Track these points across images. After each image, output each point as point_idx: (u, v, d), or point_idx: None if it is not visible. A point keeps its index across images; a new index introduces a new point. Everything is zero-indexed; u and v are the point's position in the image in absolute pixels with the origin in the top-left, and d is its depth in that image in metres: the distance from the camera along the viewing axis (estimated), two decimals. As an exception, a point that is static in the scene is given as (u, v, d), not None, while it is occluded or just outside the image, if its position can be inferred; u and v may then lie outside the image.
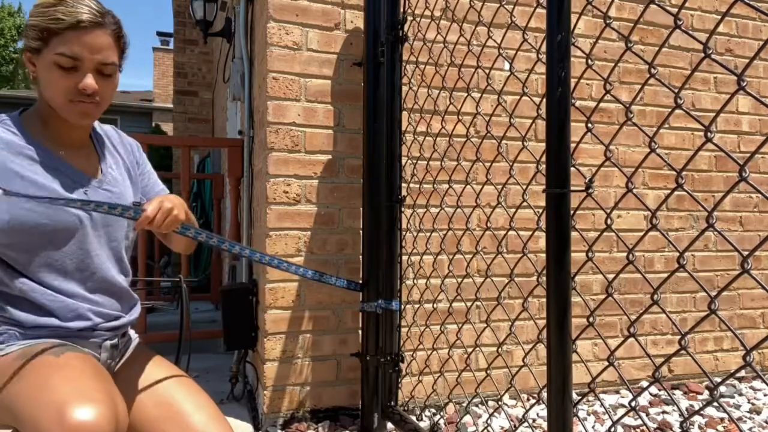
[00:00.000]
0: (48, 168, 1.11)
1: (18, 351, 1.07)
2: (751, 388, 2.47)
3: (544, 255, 1.09)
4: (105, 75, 1.12)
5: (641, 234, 2.44)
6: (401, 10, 1.92)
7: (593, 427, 2.03)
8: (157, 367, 1.26)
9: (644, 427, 1.98)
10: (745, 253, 0.76)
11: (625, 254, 2.43)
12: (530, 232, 1.47)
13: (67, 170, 1.14)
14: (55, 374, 0.99)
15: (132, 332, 1.33)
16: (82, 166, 1.17)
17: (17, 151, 1.08)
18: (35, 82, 1.13)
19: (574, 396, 1.09)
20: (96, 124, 1.26)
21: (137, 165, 1.32)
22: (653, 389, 2.38)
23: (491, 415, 1.68)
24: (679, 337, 0.89)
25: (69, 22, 1.06)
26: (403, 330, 1.97)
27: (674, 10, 1.10)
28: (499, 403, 1.55)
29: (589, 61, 1.05)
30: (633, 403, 1.00)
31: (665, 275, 1.60)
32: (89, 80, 1.09)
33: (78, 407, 0.90)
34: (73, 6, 1.08)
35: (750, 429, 2.02)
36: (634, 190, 0.99)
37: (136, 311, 1.30)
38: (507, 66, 2.21)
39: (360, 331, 1.98)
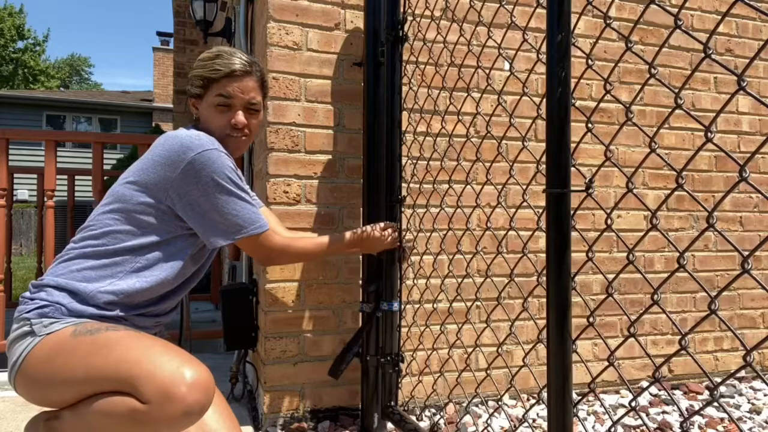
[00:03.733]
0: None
1: (70, 327, 1.14)
2: (751, 388, 2.47)
3: (544, 255, 1.09)
4: (253, 112, 1.41)
5: (641, 234, 2.44)
6: (401, 10, 1.92)
7: (593, 427, 2.03)
8: None
9: (644, 427, 1.98)
10: (746, 253, 0.76)
11: (625, 254, 2.43)
12: (530, 232, 1.47)
13: None
14: (153, 343, 1.13)
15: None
16: None
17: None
18: (197, 121, 1.42)
19: (574, 396, 1.09)
20: None
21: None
22: (653, 389, 2.38)
23: (491, 415, 1.68)
24: (679, 337, 0.89)
25: (224, 72, 1.33)
26: (403, 330, 1.97)
27: (674, 10, 1.10)
28: (499, 403, 1.55)
29: (589, 61, 1.05)
30: (633, 403, 1.00)
31: (665, 275, 1.60)
32: (240, 117, 1.37)
33: (190, 366, 1.07)
34: (228, 59, 1.35)
35: (750, 429, 2.01)
36: (634, 190, 0.99)
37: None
38: (507, 66, 2.21)
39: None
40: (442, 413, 2.01)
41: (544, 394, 1.09)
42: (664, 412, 2.15)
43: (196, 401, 1.04)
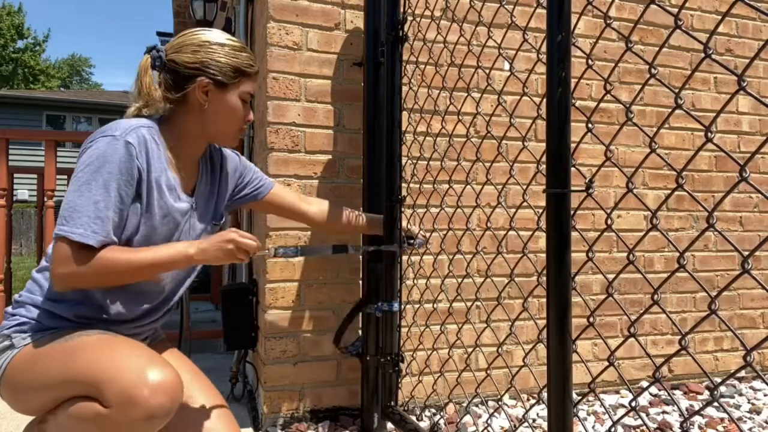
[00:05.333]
0: (170, 180, 1.25)
1: (48, 336, 1.15)
2: (751, 388, 2.47)
3: (544, 255, 1.09)
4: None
5: (641, 234, 2.44)
6: (401, 10, 1.91)
7: (593, 427, 2.03)
8: (175, 360, 1.33)
9: (644, 427, 1.98)
10: (746, 254, 0.76)
11: (625, 254, 2.43)
12: (530, 232, 1.47)
13: (179, 185, 1.28)
14: (120, 346, 1.12)
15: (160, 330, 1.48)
16: (185, 183, 1.31)
17: (156, 159, 1.21)
18: (185, 106, 1.27)
19: (575, 396, 1.09)
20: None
21: (240, 176, 1.51)
22: (653, 389, 2.38)
23: (491, 415, 1.68)
24: (679, 337, 0.89)
25: (256, 69, 1.31)
26: (403, 330, 1.97)
27: (674, 11, 1.10)
28: (499, 403, 1.55)
29: (590, 62, 1.05)
30: (633, 403, 1.00)
31: (665, 275, 1.60)
32: (252, 114, 1.35)
33: (154, 369, 1.05)
34: (252, 54, 1.32)
35: (750, 429, 2.02)
36: (634, 190, 0.99)
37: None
38: (507, 66, 2.21)
39: (360, 332, 1.98)
40: (442, 413, 2.01)
41: (544, 394, 1.08)
42: (664, 412, 2.15)
43: (160, 405, 1.02)
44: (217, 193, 1.42)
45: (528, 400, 2.26)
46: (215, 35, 1.27)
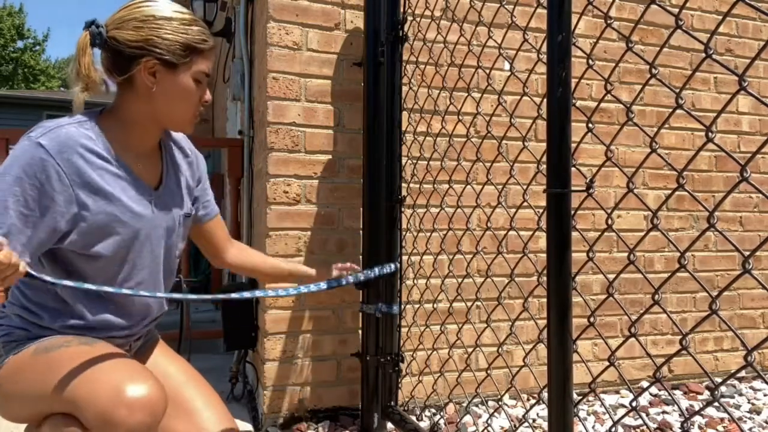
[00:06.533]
0: (119, 177, 1.13)
1: (33, 346, 1.10)
2: (751, 388, 2.47)
3: (544, 255, 1.09)
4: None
5: (642, 234, 2.44)
6: (401, 10, 1.91)
7: (593, 427, 2.03)
8: (170, 362, 1.29)
9: (644, 427, 1.98)
10: (746, 253, 0.76)
11: (625, 254, 2.43)
12: (531, 232, 1.47)
13: (135, 180, 1.16)
14: (98, 360, 1.05)
15: (154, 330, 1.38)
16: (148, 175, 1.19)
17: (93, 157, 1.09)
18: (131, 90, 1.12)
19: (575, 396, 1.09)
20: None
21: (199, 180, 1.35)
22: (653, 389, 2.38)
23: (491, 415, 1.68)
24: (679, 337, 0.89)
25: (210, 44, 1.16)
26: (403, 330, 1.97)
27: (675, 11, 1.10)
28: (500, 403, 1.55)
29: (590, 61, 1.05)
30: (633, 403, 1.00)
31: (665, 275, 1.59)
32: (209, 94, 1.20)
33: (132, 385, 0.99)
34: (205, 28, 1.16)
35: (750, 429, 2.01)
36: (635, 190, 0.99)
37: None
38: (507, 66, 2.21)
39: (360, 331, 1.98)
40: (442, 413, 2.01)
41: (545, 394, 1.08)
42: (664, 412, 2.15)
43: (140, 423, 0.97)
44: (186, 184, 1.29)
45: (528, 400, 2.25)
46: (161, 7, 1.12)
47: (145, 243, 1.18)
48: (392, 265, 1.77)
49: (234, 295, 1.31)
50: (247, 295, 1.42)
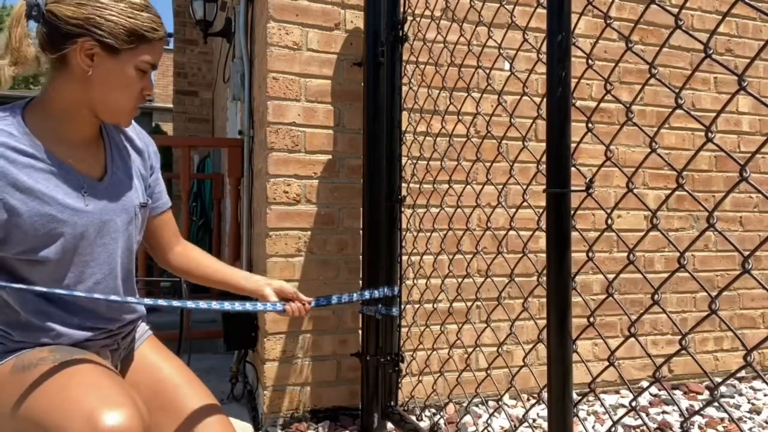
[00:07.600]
0: (51, 173, 1.04)
1: (12, 360, 1.04)
2: (751, 388, 2.47)
3: (544, 255, 1.09)
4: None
5: (641, 234, 2.44)
6: (401, 10, 1.91)
7: (593, 427, 2.03)
8: (163, 359, 1.25)
9: (644, 427, 1.98)
10: (746, 253, 0.76)
11: (625, 254, 2.43)
12: (530, 232, 1.47)
13: (69, 174, 1.07)
14: (71, 381, 0.97)
15: (143, 325, 1.29)
16: (88, 167, 1.10)
17: (16, 155, 1.01)
18: (65, 71, 1.03)
19: (575, 396, 1.09)
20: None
21: (151, 169, 1.26)
22: (653, 389, 2.38)
23: (491, 415, 1.68)
24: (679, 337, 0.89)
25: (161, 34, 1.07)
26: (403, 330, 1.97)
27: (675, 10, 1.10)
28: (500, 403, 1.55)
29: (590, 61, 1.05)
30: (633, 403, 1.00)
31: (665, 275, 1.59)
32: (152, 86, 1.10)
33: (106, 413, 0.90)
34: (157, 16, 1.08)
35: (750, 429, 2.01)
36: (635, 190, 0.99)
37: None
38: (507, 66, 2.21)
39: (360, 331, 1.98)
40: (442, 413, 2.01)
41: (545, 394, 1.08)
42: (664, 412, 2.15)
43: None
44: (139, 173, 1.20)
45: (528, 400, 2.26)
46: None
47: (95, 239, 1.09)
48: (396, 289, 1.85)
49: (161, 302, 1.16)
50: (190, 304, 1.25)
